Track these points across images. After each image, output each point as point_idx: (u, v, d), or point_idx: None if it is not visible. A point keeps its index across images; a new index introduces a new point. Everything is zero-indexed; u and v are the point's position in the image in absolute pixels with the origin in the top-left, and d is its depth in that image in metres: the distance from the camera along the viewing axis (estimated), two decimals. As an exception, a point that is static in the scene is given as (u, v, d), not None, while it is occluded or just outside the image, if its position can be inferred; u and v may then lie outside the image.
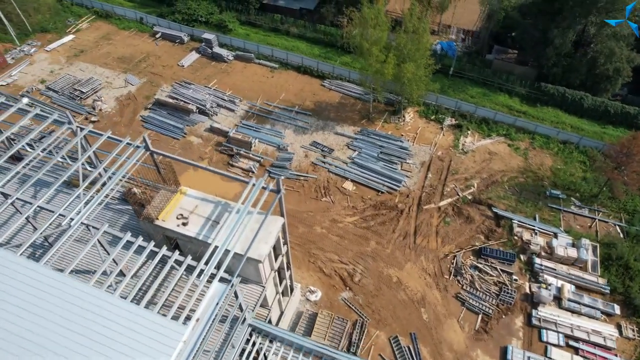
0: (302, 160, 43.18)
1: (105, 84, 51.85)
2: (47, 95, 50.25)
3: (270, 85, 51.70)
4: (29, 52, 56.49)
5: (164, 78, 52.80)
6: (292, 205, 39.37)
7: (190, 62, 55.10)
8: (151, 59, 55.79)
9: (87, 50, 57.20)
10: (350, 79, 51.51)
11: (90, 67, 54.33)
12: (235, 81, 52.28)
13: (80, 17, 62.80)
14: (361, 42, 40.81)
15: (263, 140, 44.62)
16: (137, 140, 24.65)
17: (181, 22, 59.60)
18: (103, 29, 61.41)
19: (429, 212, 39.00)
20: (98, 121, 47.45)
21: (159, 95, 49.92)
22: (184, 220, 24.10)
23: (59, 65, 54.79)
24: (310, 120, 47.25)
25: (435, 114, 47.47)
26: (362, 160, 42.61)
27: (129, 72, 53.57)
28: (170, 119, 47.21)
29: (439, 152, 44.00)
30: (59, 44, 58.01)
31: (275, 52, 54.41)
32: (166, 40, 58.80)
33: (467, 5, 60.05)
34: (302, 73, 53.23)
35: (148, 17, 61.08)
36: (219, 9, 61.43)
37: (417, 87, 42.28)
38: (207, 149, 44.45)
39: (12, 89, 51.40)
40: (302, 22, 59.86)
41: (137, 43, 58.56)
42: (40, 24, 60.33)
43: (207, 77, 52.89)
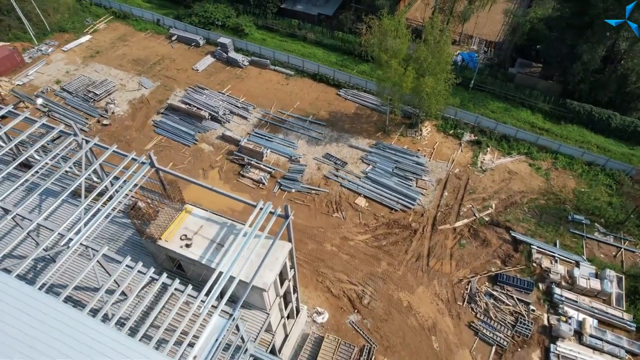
0: (314, 172, 42.00)
1: (119, 87, 51.45)
2: (61, 96, 50.04)
3: (284, 93, 50.66)
4: (46, 51, 56.47)
5: (178, 82, 52.17)
6: (301, 220, 38.23)
7: (205, 66, 54.40)
8: (166, 62, 55.25)
9: (102, 51, 56.94)
10: (366, 89, 50.16)
11: (105, 69, 54.02)
12: (249, 87, 51.37)
13: (99, 18, 62.67)
14: (380, 54, 39.44)
15: (275, 150, 43.58)
16: (142, 156, 23.76)
17: (197, 25, 58.99)
18: (120, 30, 61.15)
19: (443, 233, 37.47)
20: (110, 124, 47.01)
21: (172, 99, 49.28)
22: (188, 242, 23.15)
23: (74, 65, 54.61)
24: (324, 131, 46.05)
25: (454, 129, 45.82)
26: (376, 175, 41.24)
27: (143, 75, 53.10)
28: (182, 124, 46.50)
29: (457, 170, 42.38)
30: (75, 44, 57.90)
31: (292, 59, 53.37)
32: (182, 43, 58.24)
33: (490, 15, 58.29)
34: (318, 81, 52.06)
35: (165, 19, 60.63)
36: (235, 13, 60.68)
37: (436, 101, 40.76)
38: (218, 158, 43.59)
39: (27, 88, 51.36)
40: (320, 28, 58.70)
41: (153, 45, 58.12)
42: (59, 24, 60.34)
43: (222, 82, 52.09)
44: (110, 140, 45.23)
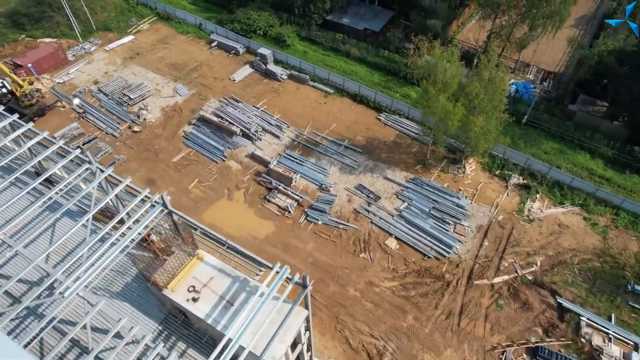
0: (344, 205, 39.28)
1: (154, 92, 50.50)
2: (97, 97, 49.60)
3: (321, 113, 48.13)
4: (89, 50, 56.43)
5: (213, 91, 50.67)
6: (326, 258, 35.64)
7: (242, 76, 52.66)
8: (203, 68, 53.92)
9: (143, 53, 56.32)
10: (409, 116, 46.87)
11: (142, 72, 53.28)
12: (285, 103, 49.18)
13: (143, 18, 62.28)
14: (427, 86, 36.13)
15: (305, 175, 41.15)
16: (155, 195, 21.76)
17: (239, 32, 57.37)
18: (162, 31, 60.47)
19: (479, 289, 33.89)
20: (140, 132, 46.02)
21: (205, 110, 47.78)
22: (195, 295, 20.95)
23: (114, 66, 54.21)
24: (360, 158, 43.19)
25: (501, 169, 41.87)
26: (411, 214, 38.05)
27: (179, 81, 51.95)
28: (212, 138, 44.88)
29: (500, 216, 38.54)
30: (118, 44, 57.59)
31: (332, 76, 50.74)
32: (221, 50, 56.80)
33: (552, 42, 53.41)
34: (358, 102, 49.21)
35: (207, 24, 59.42)
36: (279, 22, 58.67)
37: (484, 140, 37.11)
38: (245, 178, 41.63)
39: (67, 87, 51.30)
40: (365, 44, 55.76)
41: (193, 50, 56.98)
42: (105, 23, 60.33)
43: (257, 95, 50.16)
44: (139, 149, 44.25)
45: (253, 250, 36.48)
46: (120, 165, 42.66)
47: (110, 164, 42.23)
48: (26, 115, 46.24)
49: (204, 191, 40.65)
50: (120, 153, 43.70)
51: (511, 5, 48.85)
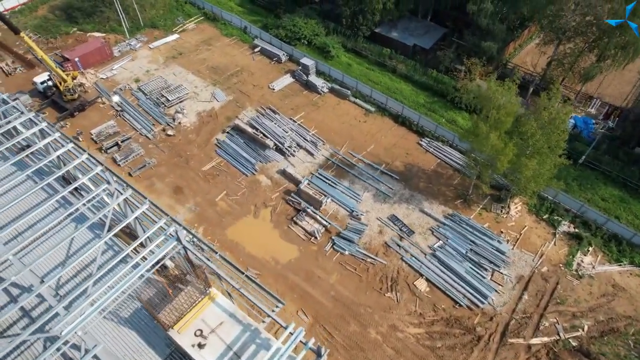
0: (374, 236, 36.89)
1: (192, 95, 49.79)
2: (136, 96, 49.42)
3: (360, 132, 45.80)
4: (134, 47, 56.56)
5: (251, 100, 49.38)
6: (349, 292, 33.44)
7: (282, 86, 51.08)
8: (244, 74, 52.76)
9: (185, 53, 55.86)
10: (453, 144, 43.78)
11: (183, 73, 52.74)
12: (323, 118, 47.18)
13: (190, 17, 61.96)
14: (478, 121, 33.10)
15: (336, 199, 39.04)
16: (170, 227, 20.29)
17: (283, 38, 55.85)
18: (207, 32, 59.88)
19: (514, 349, 30.70)
20: (174, 135, 45.32)
21: (241, 118, 46.53)
22: (202, 341, 19.41)
23: (156, 65, 54.00)
24: (396, 186, 40.62)
25: (550, 214, 38.18)
26: (445, 255, 35.20)
27: (218, 86, 51.01)
28: (244, 149, 43.55)
29: (544, 268, 34.99)
30: (162, 42, 57.45)
31: (375, 94, 48.26)
32: (264, 56, 55.47)
33: (620, 73, 48.53)
34: (399, 124, 46.54)
35: (252, 28, 58.28)
36: (325, 31, 56.71)
37: (535, 182, 33.71)
38: (274, 195, 39.98)
39: (109, 83, 51.47)
40: (413, 61, 52.90)
41: (235, 54, 55.98)
42: (152, 20, 60.40)
43: (295, 107, 48.43)
44: (171, 154, 43.52)
45: (274, 275, 34.97)
46: (150, 169, 42.04)
47: (140, 167, 41.73)
48: (67, 109, 46.62)
49: (231, 205, 39.33)
50: (151, 156, 43.11)
51: (578, 32, 44.64)
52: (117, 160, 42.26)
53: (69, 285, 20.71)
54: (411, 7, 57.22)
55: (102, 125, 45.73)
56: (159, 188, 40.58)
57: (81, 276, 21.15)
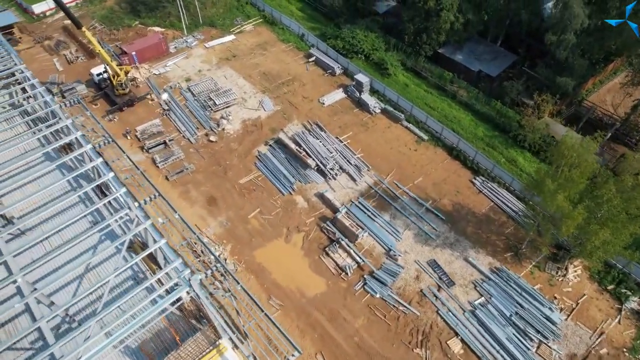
0: (409, 281, 33.90)
1: (240, 101, 48.59)
2: (184, 96, 48.92)
3: (409, 161, 42.69)
4: (190, 44, 56.30)
5: (299, 112, 47.48)
6: (374, 342, 30.76)
7: (332, 101, 48.80)
8: (295, 84, 50.95)
9: (239, 56, 54.85)
10: (511, 188, 39.72)
11: (234, 76, 51.72)
12: (371, 141, 44.45)
13: (249, 19, 60.99)
14: (544, 176, 29.22)
15: (374, 234, 36.34)
16: (185, 270, 18.53)
17: (340, 50, 53.49)
18: (264, 35, 58.64)
19: None
20: (216, 142, 44.26)
21: (286, 132, 44.72)
22: (205, 402, 17.57)
23: (208, 65, 53.37)
24: (441, 227, 37.31)
25: (616, 285, 33.51)
26: (487, 315, 31.64)
27: (267, 94, 49.51)
28: (285, 165, 41.73)
29: (604, 349, 30.58)
30: (218, 42, 56.81)
31: (430, 121, 44.87)
32: (318, 67, 53.41)
33: None
34: (453, 157, 42.96)
35: (309, 36, 56.34)
36: (385, 46, 53.77)
37: (604, 251, 29.40)
38: (309, 220, 37.87)
39: (161, 79, 51.38)
40: (476, 89, 48.89)
41: (289, 61, 54.30)
42: (211, 18, 59.99)
43: (343, 125, 46.01)
44: (210, 161, 42.47)
45: (297, 309, 32.81)
46: (188, 175, 41.17)
47: (178, 172, 40.93)
48: (117, 103, 46.81)
49: (263, 225, 37.63)
50: (191, 161, 42.26)
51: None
52: (157, 161, 41.74)
53: (78, 306, 19.62)
54: (480, 29, 53.08)
55: (147, 123, 45.51)
56: (193, 196, 39.58)
57: (90, 297, 19.98)
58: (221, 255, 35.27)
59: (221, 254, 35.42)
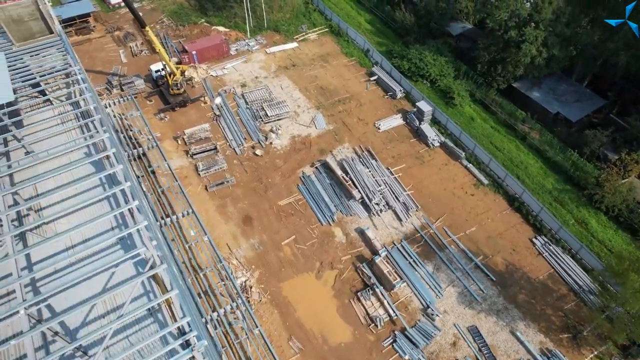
0: (445, 347, 30.40)
1: (292, 115, 46.68)
2: (237, 102, 47.76)
3: (463, 206, 38.84)
4: (251, 48, 55.24)
5: (351, 135, 44.83)
6: (396, 412, 27.72)
7: (389, 127, 45.67)
8: (352, 103, 48.31)
9: (299, 65, 52.98)
10: (577, 256, 34.89)
11: (290, 88, 49.92)
12: (425, 178, 40.96)
13: (314, 27, 58.98)
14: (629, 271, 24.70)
15: (412, 285, 33.10)
16: (201, 343, 16.53)
17: (405, 71, 50.19)
18: (327, 46, 56.41)
19: None
20: (261, 156, 42.64)
21: (335, 155, 42.22)
22: None
23: (266, 72, 51.95)
24: (489, 290, 33.36)
25: (695, 398, 28.19)
26: (531, 407, 27.59)
27: (322, 110, 47.25)
28: (328, 192, 39.32)
29: None
30: (280, 49, 55.31)
31: (493, 164, 40.63)
32: (378, 87, 50.41)
33: None
34: (514, 208, 38.60)
35: (374, 52, 53.35)
36: (454, 73, 49.76)
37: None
38: (345, 257, 35.25)
39: (217, 82, 50.63)
40: (551, 134, 43.87)
41: (349, 77, 51.70)
42: (276, 23, 58.62)
43: (397, 156, 42.80)
44: (252, 176, 40.91)
45: (317, 356, 30.26)
46: (227, 188, 39.84)
47: (218, 184, 39.68)
48: (170, 103, 46.49)
49: (296, 254, 35.49)
50: (232, 174, 40.93)
51: None
52: (199, 169, 40.77)
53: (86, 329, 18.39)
54: (565, 66, 47.73)
55: (196, 127, 44.74)
56: (229, 212, 38.17)
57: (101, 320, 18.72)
58: (247, 281, 33.56)
59: (248, 279, 33.71)
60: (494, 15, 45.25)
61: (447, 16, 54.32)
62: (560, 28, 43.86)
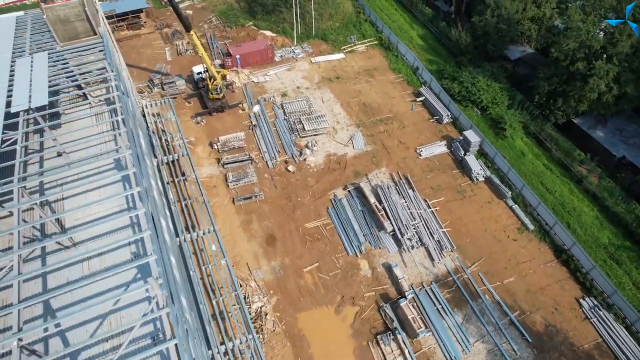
0: (467, 413, 27.66)
1: (330, 131, 44.79)
2: (275, 112, 46.42)
3: (504, 252, 35.57)
4: (297, 55, 53.80)
5: (390, 159, 42.38)
6: None
7: (431, 154, 42.86)
8: (394, 124, 45.82)
9: (343, 78, 50.98)
10: (633, 328, 30.94)
11: (331, 101, 48.04)
12: (464, 215, 37.97)
13: (364, 38, 56.76)
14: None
15: (438, 334, 30.44)
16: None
17: (455, 95, 47.14)
18: (374, 60, 54.07)
19: None
20: (293, 173, 41.03)
21: (370, 179, 40.11)
22: None
23: (308, 82, 50.32)
24: (523, 351, 30.12)
25: None
26: None
27: (361, 129, 45.07)
28: (358, 219, 37.17)
29: None
30: (325, 59, 53.54)
31: (541, 209, 37.01)
32: (424, 109, 47.60)
33: None
34: (560, 261, 34.92)
35: (424, 71, 50.46)
36: (508, 101, 46.17)
37: None
38: (368, 294, 33.01)
39: (257, 89, 49.55)
40: (612, 180, 39.64)
41: (394, 95, 49.17)
42: (325, 31, 56.86)
43: (436, 187, 40.00)
44: (281, 193, 39.40)
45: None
46: (255, 203, 38.52)
47: (246, 198, 38.43)
48: (208, 107, 45.78)
49: (317, 284, 33.62)
50: (262, 188, 39.57)
51: None
52: (229, 179, 39.70)
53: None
54: (637, 105, 43.10)
55: (231, 135, 43.74)
56: (253, 229, 36.81)
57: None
58: (263, 307, 32.04)
59: (264, 305, 32.18)
60: (561, 44, 41.31)
61: (506, 39, 50.58)
62: (638, 64, 39.44)
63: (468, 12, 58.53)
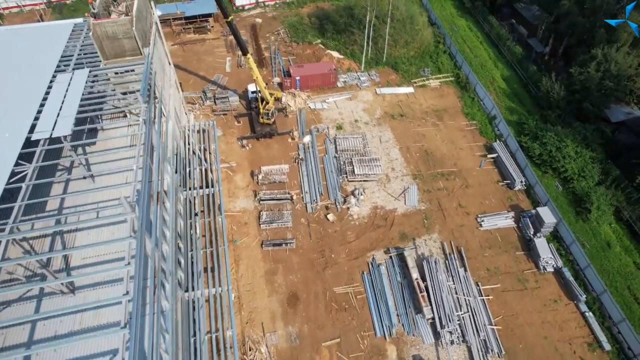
0: None
1: (383, 179, 40.12)
2: (326, 147, 42.51)
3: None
4: (361, 83, 49.41)
5: (444, 225, 36.96)
6: None
7: (494, 226, 36.84)
8: (456, 181, 40.18)
9: (407, 117, 45.89)
10: None
11: (390, 143, 43.27)
12: (521, 312, 31.83)
13: (439, 73, 51.06)
14: None
15: None
16: None
17: (535, 157, 40.57)
18: (447, 99, 48.33)
19: None
20: (332, 223, 36.87)
21: (418, 246, 35.09)
22: None
23: (368, 117, 45.82)
24: None
25: None
26: None
27: (418, 181, 39.96)
28: (395, 294, 32.43)
29: None
30: (392, 91, 48.68)
31: (624, 326, 29.96)
32: (495, 168, 41.39)
33: None
34: (638, 401, 28.07)
35: (501, 122, 44.04)
36: (599, 176, 38.84)
37: None
38: (389, 390, 28.36)
39: (312, 116, 45.95)
40: None
41: (462, 146, 43.35)
42: (396, 59, 51.85)
43: (492, 270, 34.10)
44: (315, 245, 35.48)
45: None
46: (284, 251, 34.95)
47: (275, 244, 34.95)
48: (256, 132, 42.84)
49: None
50: (295, 235, 35.93)
51: None
52: (262, 218, 36.47)
53: None
54: None
55: (274, 166, 40.57)
56: (276, 282, 33.29)
57: None
58: (269, 381, 28.46)
59: (271, 379, 28.60)
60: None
61: (610, 97, 42.83)
62: None
63: (566, 57, 50.85)
